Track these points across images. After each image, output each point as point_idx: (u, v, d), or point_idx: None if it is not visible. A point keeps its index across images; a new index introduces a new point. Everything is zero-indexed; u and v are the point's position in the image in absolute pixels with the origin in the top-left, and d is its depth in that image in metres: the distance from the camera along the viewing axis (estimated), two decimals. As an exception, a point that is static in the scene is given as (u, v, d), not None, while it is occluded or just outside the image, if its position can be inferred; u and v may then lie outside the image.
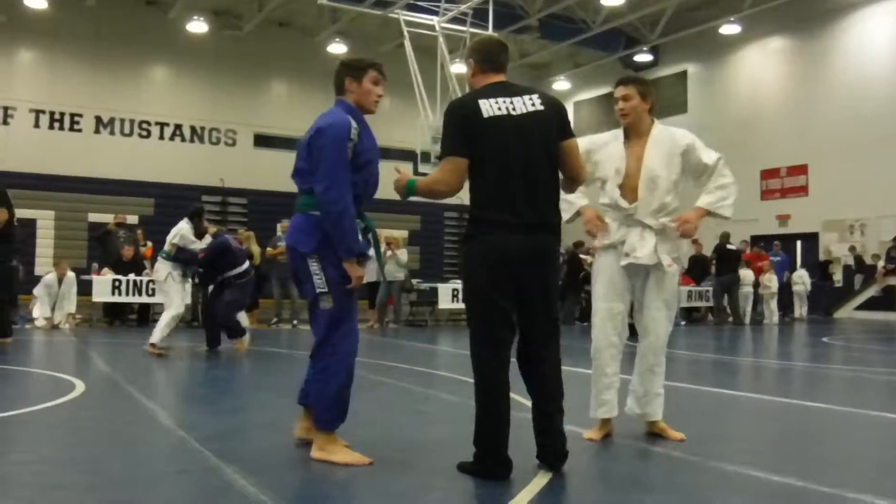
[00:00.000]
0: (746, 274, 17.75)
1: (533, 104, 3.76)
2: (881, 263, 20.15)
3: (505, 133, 3.67)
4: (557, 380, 3.82)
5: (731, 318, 17.55)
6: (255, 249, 14.91)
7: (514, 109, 3.71)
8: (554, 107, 3.83)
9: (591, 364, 4.64)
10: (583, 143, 4.64)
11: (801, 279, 19.69)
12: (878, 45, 20.85)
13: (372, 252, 4.15)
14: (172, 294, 9.64)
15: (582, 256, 16.43)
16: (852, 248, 21.18)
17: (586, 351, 4.72)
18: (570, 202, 4.53)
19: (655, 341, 4.59)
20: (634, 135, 4.61)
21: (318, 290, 3.95)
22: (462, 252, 3.83)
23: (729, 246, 17.58)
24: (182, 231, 9.45)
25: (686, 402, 6.12)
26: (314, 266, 3.94)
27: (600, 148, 4.69)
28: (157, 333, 9.34)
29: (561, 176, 3.90)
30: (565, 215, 4.27)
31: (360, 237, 3.96)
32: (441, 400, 6.40)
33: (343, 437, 4.12)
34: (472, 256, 3.74)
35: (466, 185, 3.79)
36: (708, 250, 18.21)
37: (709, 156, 4.62)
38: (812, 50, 22.18)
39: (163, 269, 9.64)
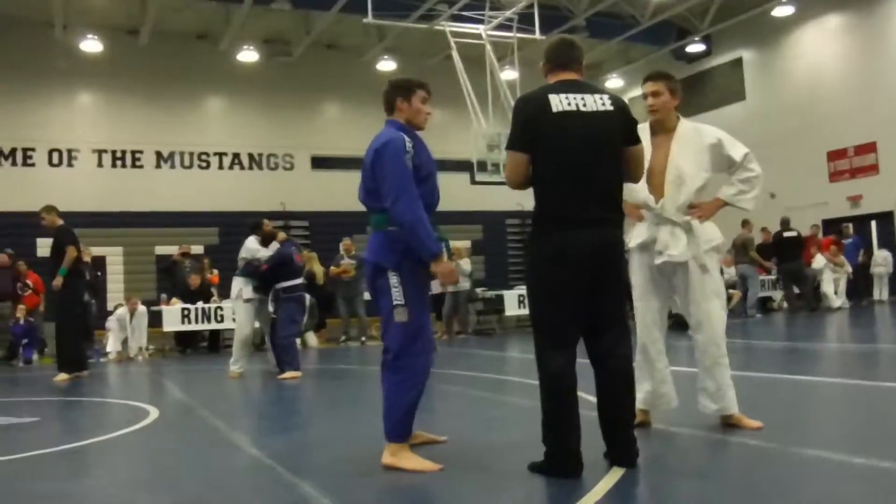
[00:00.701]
0: (819, 259, 17.20)
1: (603, 104, 3.75)
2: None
3: (573, 128, 3.67)
4: (627, 377, 3.78)
5: (805, 305, 16.97)
6: (319, 269, 15.02)
7: (584, 105, 3.71)
8: (622, 111, 3.81)
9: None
10: None
11: (884, 261, 18.96)
12: (940, 12, 20.15)
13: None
14: (239, 315, 9.85)
15: None
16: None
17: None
18: None
19: (713, 334, 4.51)
20: (661, 131, 4.63)
21: (394, 302, 4.01)
22: (529, 248, 3.83)
23: (787, 233, 16.96)
24: (246, 244, 9.53)
25: (762, 391, 5.96)
26: (393, 279, 4.01)
27: None
28: (232, 358, 9.66)
29: None
30: None
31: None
32: (512, 404, 6.35)
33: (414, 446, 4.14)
34: (539, 251, 3.74)
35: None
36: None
37: (737, 151, 4.60)
38: (871, 24, 21.49)
39: (234, 286, 9.76)
